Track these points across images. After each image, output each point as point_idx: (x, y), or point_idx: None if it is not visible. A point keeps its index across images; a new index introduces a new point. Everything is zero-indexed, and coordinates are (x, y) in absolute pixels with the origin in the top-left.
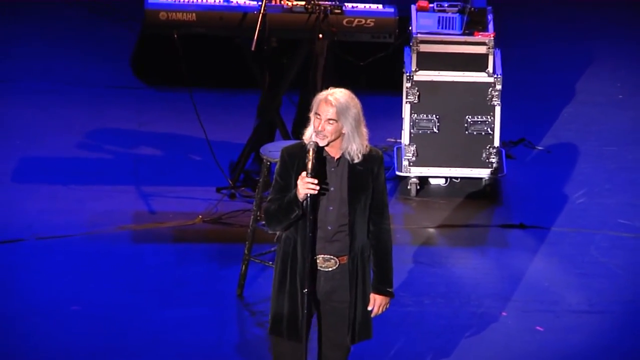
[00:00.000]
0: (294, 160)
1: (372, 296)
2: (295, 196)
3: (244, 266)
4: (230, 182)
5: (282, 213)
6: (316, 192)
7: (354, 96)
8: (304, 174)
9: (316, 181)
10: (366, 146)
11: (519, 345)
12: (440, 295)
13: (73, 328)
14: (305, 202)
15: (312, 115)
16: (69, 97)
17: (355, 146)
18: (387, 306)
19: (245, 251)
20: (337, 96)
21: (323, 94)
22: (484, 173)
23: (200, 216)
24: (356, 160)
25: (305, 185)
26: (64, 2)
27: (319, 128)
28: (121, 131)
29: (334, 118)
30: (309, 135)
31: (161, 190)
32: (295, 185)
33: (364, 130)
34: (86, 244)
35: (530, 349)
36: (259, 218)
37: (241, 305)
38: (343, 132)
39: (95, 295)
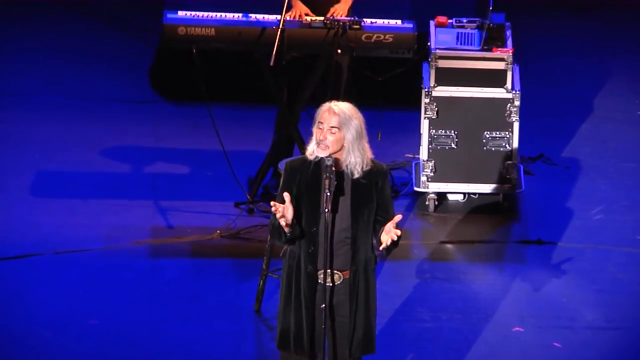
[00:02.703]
0: (296, 175)
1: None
2: (279, 225)
3: (261, 281)
4: (249, 197)
5: (274, 236)
6: (285, 223)
7: (358, 110)
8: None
9: (280, 208)
10: (370, 161)
11: None
12: (457, 311)
13: (90, 342)
14: (290, 230)
15: (314, 127)
16: (87, 112)
17: (354, 159)
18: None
19: (263, 266)
20: (340, 106)
21: (326, 105)
22: (502, 189)
23: (218, 231)
24: (356, 175)
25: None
26: (80, 16)
27: (321, 137)
28: (139, 146)
29: (336, 126)
30: (312, 150)
31: (179, 205)
32: (300, 209)
33: (366, 145)
34: (104, 259)
35: None
36: None
37: (258, 320)
38: (344, 144)
39: (113, 310)
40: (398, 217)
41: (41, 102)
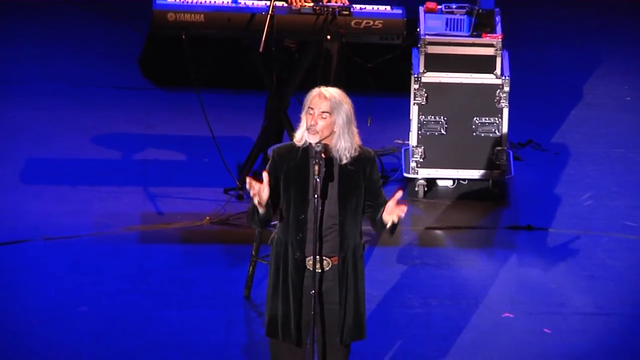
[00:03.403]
0: (283, 162)
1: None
2: (254, 205)
3: (251, 267)
4: (238, 184)
5: (249, 218)
6: (259, 201)
7: (346, 95)
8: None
9: (256, 186)
10: (358, 147)
11: (525, 347)
12: (447, 297)
13: (80, 328)
14: (264, 210)
15: (303, 113)
16: (77, 98)
17: (344, 144)
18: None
19: (253, 252)
20: (330, 91)
21: (316, 90)
22: (491, 175)
23: (207, 217)
24: (345, 160)
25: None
26: (69, 3)
27: (312, 122)
28: (129, 132)
29: (327, 111)
30: (300, 136)
31: (169, 192)
32: (281, 185)
33: (355, 130)
34: (94, 245)
35: (536, 351)
36: None
37: (248, 306)
38: (335, 129)
39: (103, 296)
40: (399, 194)
41: (31, 90)
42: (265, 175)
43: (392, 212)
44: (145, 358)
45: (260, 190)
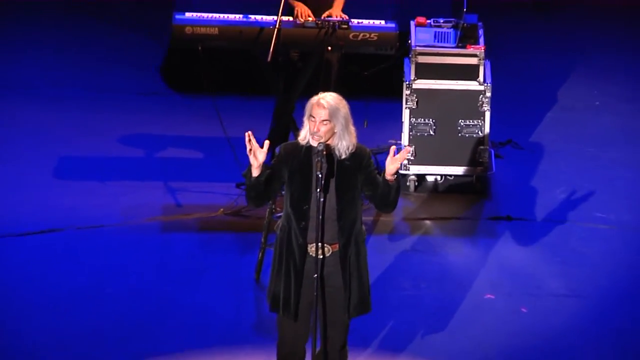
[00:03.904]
0: (289, 157)
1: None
2: (250, 172)
3: (260, 253)
4: None
5: (246, 177)
6: (255, 160)
7: (342, 98)
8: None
9: (255, 145)
10: (354, 144)
11: (505, 325)
12: (435, 281)
13: (107, 309)
14: (258, 173)
15: (306, 119)
16: (103, 103)
17: (345, 143)
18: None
19: (262, 240)
20: (328, 99)
21: (315, 99)
22: (474, 171)
23: (221, 209)
24: (343, 156)
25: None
26: (94, 16)
27: (314, 129)
28: (150, 133)
29: (327, 119)
30: (304, 136)
31: (186, 186)
32: (284, 176)
33: (352, 129)
34: (119, 234)
35: (515, 328)
36: (274, 211)
37: (258, 288)
38: (335, 131)
39: (128, 280)
40: (393, 148)
41: (61, 95)
42: (266, 143)
43: (393, 161)
44: (165, 336)
45: (256, 149)
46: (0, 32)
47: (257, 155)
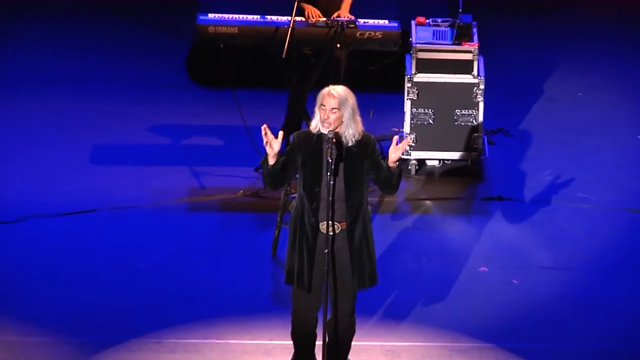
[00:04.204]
0: (302, 144)
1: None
2: (267, 164)
3: (277, 231)
4: None
5: (263, 167)
6: (270, 149)
7: (350, 90)
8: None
9: (270, 136)
10: (361, 132)
11: (498, 295)
12: (434, 255)
13: (139, 282)
14: (274, 161)
15: (317, 108)
16: (135, 96)
17: (352, 131)
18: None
19: (278, 219)
20: (337, 90)
21: (326, 90)
22: (469, 156)
23: (241, 191)
24: (350, 143)
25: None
26: (125, 17)
27: (324, 117)
28: (177, 123)
29: (336, 107)
30: (315, 124)
31: (209, 170)
32: (298, 162)
33: (359, 118)
34: (149, 214)
35: (506, 298)
36: (288, 192)
37: (275, 263)
38: (343, 120)
39: (157, 255)
40: (396, 138)
41: (96, 88)
42: (280, 133)
43: (395, 150)
44: (191, 305)
45: (271, 140)
46: (43, 33)
47: (273, 145)
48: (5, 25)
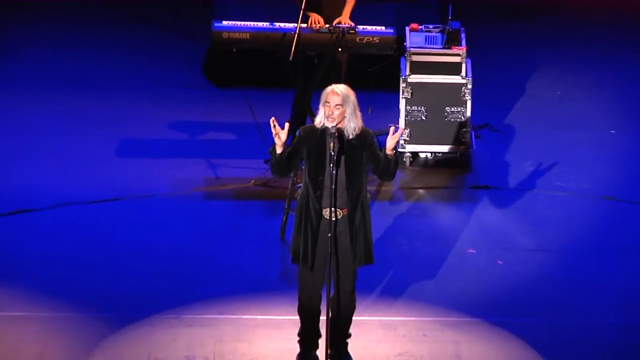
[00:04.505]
0: (307, 137)
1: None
2: (275, 154)
3: (284, 217)
4: None
5: (273, 168)
6: (278, 139)
7: (351, 89)
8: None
9: (278, 127)
10: (360, 127)
11: (484, 275)
12: (426, 238)
13: (160, 263)
14: (282, 150)
15: (321, 105)
16: (154, 94)
17: (353, 125)
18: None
19: (286, 206)
20: (340, 88)
21: (330, 88)
22: (458, 149)
23: (252, 181)
24: (351, 137)
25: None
26: (146, 22)
27: (329, 113)
28: (195, 120)
29: (340, 104)
30: (319, 120)
31: (224, 162)
32: (303, 153)
33: (359, 114)
34: (170, 201)
35: (492, 278)
36: (295, 182)
37: (282, 245)
38: (345, 115)
39: (176, 239)
40: (392, 128)
41: (119, 87)
42: (287, 124)
43: (392, 139)
44: (206, 284)
45: (279, 132)
46: (73, 35)
47: (281, 135)
48: (38, 27)
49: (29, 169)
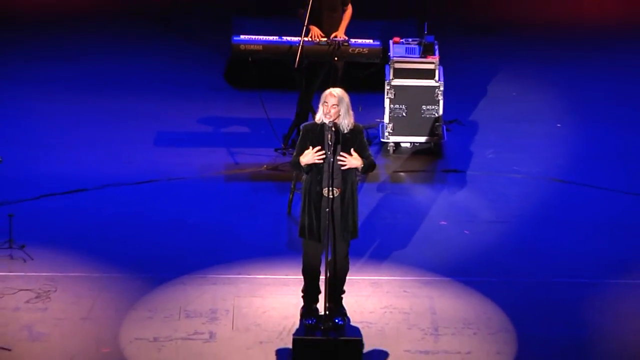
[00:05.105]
0: (309, 133)
1: (353, 154)
2: (298, 162)
3: (291, 195)
4: (283, 145)
5: (293, 166)
6: (321, 161)
7: (345, 91)
8: (317, 148)
9: (322, 154)
10: (353, 122)
11: (453, 243)
12: (406, 212)
13: (189, 233)
14: (307, 168)
15: (321, 104)
16: (184, 95)
17: (346, 121)
18: (356, 164)
19: (292, 186)
20: (336, 91)
21: (328, 91)
22: (432, 140)
23: (265, 166)
24: (345, 131)
25: (313, 158)
26: (174, 34)
27: (327, 111)
28: (217, 115)
29: (336, 104)
30: (319, 117)
31: (242, 150)
32: (308, 147)
33: (351, 112)
34: (196, 183)
35: (460, 245)
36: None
37: (289, 219)
38: (340, 113)
39: (202, 213)
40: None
41: (155, 89)
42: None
43: (355, 159)
44: (227, 250)
45: (307, 157)
46: (117, 47)
47: (308, 160)
48: (93, 38)
49: (81, 157)
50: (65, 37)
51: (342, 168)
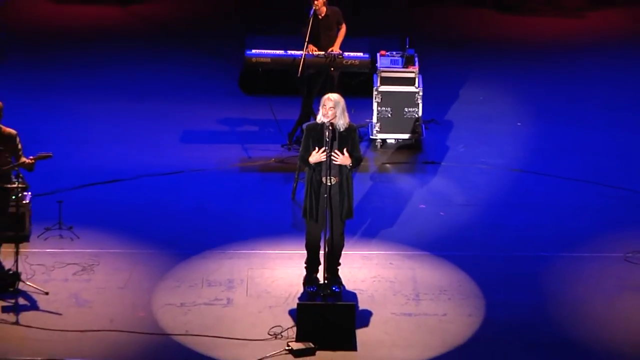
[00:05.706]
0: (311, 131)
1: (345, 154)
2: (307, 160)
3: (295, 184)
4: (288, 142)
5: (301, 162)
6: (325, 159)
7: (341, 96)
8: (323, 149)
9: (324, 155)
10: (348, 122)
11: (431, 222)
12: (391, 197)
13: (208, 215)
14: (313, 165)
15: (320, 107)
16: (204, 100)
17: (342, 122)
18: (346, 162)
19: (296, 176)
20: (334, 96)
21: (326, 95)
22: (413, 136)
23: (273, 159)
24: (341, 129)
25: (319, 157)
26: (191, 49)
27: (325, 113)
28: (233, 117)
29: (333, 107)
30: (319, 118)
31: (254, 146)
32: (312, 147)
33: (346, 114)
34: (215, 174)
35: (437, 224)
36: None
37: (293, 204)
38: (336, 114)
39: (220, 199)
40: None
41: (179, 95)
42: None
43: (344, 159)
44: (241, 229)
45: (314, 157)
46: (143, 58)
47: (314, 159)
48: (119, 49)
49: (118, 152)
50: (106, 52)
51: (334, 163)
